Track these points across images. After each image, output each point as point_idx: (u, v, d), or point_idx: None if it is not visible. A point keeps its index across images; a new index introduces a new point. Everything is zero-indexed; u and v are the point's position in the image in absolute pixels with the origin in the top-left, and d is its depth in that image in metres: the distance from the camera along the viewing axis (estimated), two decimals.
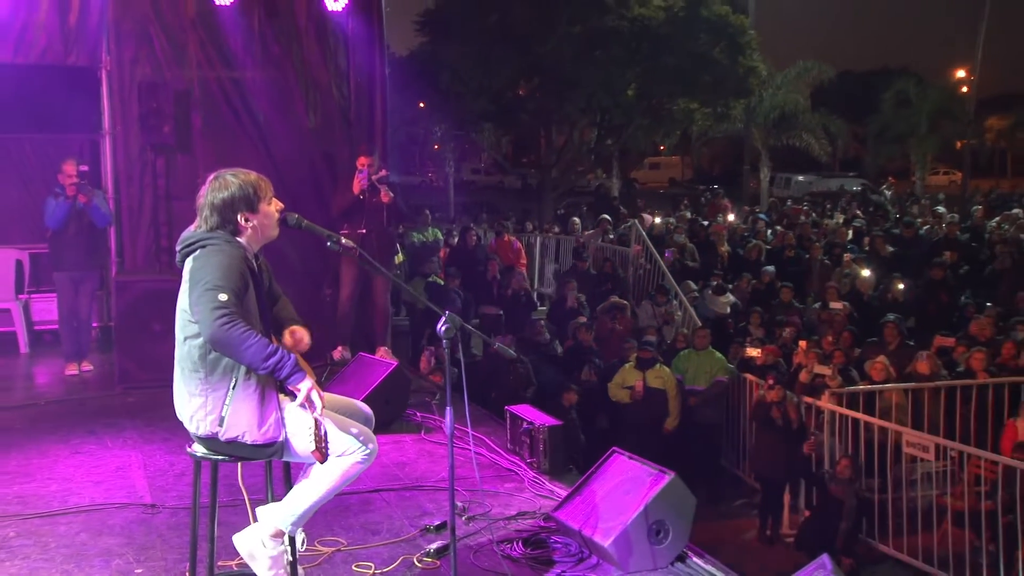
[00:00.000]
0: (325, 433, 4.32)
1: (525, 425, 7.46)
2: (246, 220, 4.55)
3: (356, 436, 4.54)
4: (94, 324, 10.65)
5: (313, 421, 4.31)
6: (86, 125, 10.81)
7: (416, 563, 5.71)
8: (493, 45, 28.14)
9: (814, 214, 25.31)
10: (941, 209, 25.06)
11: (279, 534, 4.59)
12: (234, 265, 4.38)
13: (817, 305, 15.14)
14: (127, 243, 10.47)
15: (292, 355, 4.37)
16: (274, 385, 4.49)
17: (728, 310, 15.42)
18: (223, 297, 4.24)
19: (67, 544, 6.03)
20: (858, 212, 26.20)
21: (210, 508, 4.68)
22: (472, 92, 28.57)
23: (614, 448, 6.19)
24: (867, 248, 18.17)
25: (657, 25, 29.14)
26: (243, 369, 4.38)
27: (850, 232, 20.41)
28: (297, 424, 4.45)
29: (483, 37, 28.25)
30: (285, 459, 4.63)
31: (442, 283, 15.09)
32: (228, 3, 10.02)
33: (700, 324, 14.03)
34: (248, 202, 4.55)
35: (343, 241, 4.78)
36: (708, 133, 39.53)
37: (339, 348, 10.39)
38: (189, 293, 4.38)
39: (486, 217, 23.20)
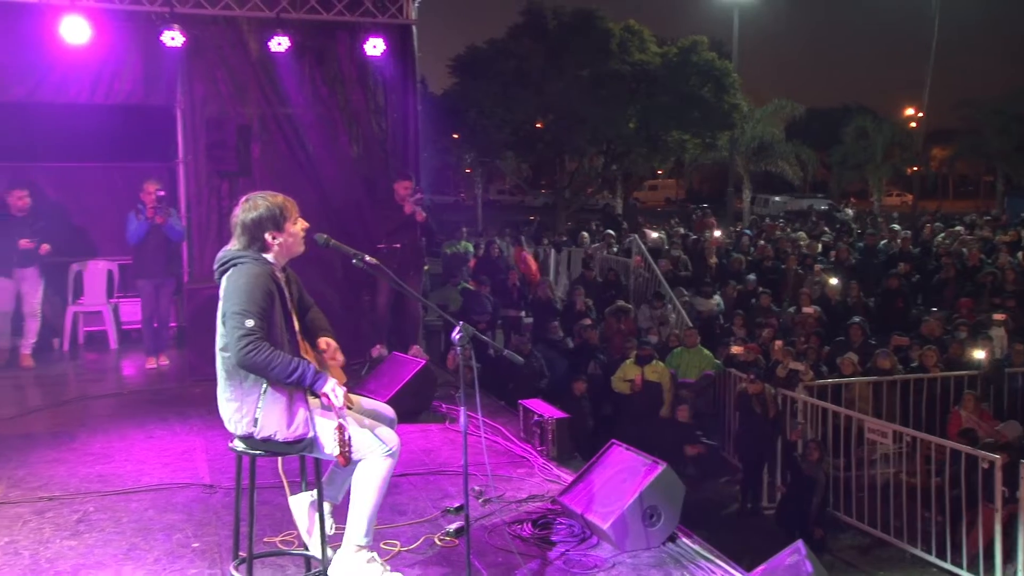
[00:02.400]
0: (349, 438, 4.05)
1: (536, 417, 7.20)
2: (273, 238, 4.31)
3: (379, 436, 4.30)
4: (172, 324, 10.44)
5: (338, 425, 4.03)
6: (164, 155, 10.62)
7: (437, 541, 5.45)
8: (512, 86, 28.00)
9: (788, 229, 24.86)
10: (896, 226, 24.59)
11: (361, 548, 4.42)
12: (259, 285, 4.14)
13: (792, 309, 14.81)
14: (196, 255, 10.28)
15: (311, 365, 4.16)
16: (303, 391, 4.25)
17: (716, 309, 15.12)
18: (250, 323, 4.03)
19: (136, 519, 5.82)
20: (826, 228, 25.74)
21: (249, 493, 4.42)
22: (495, 125, 28.39)
23: (613, 440, 5.91)
24: (833, 259, 17.80)
25: (654, 69, 28.94)
26: None
27: (819, 246, 20.02)
28: (324, 427, 4.20)
29: (504, 79, 28.10)
30: (315, 455, 4.38)
31: (473, 288, 14.82)
32: (283, 50, 9.80)
33: (691, 325, 13.73)
34: (275, 222, 4.30)
35: (367, 259, 4.52)
36: (698, 160, 39.06)
37: (377, 347, 10.12)
38: (221, 311, 4.16)
39: (508, 232, 22.85)
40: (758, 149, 38.98)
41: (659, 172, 49.94)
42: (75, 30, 9.21)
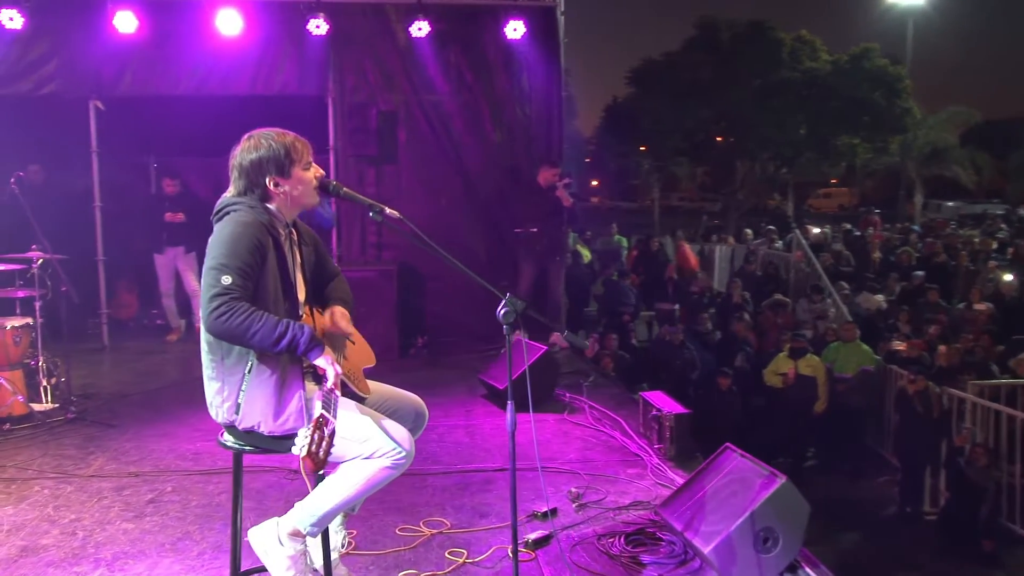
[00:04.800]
0: (331, 435, 2.71)
1: (654, 411, 5.71)
2: (276, 185, 3.09)
3: (391, 438, 3.01)
4: None
5: (318, 416, 2.71)
6: (316, 144, 9.70)
7: (509, 554, 4.10)
8: (686, 95, 26.16)
9: (960, 230, 21.83)
10: None
11: (297, 533, 3.09)
12: (247, 236, 2.93)
13: (962, 306, 12.53)
14: (344, 240, 9.31)
15: (307, 328, 2.87)
16: (298, 371, 3.00)
17: (879, 307, 13.00)
18: (227, 280, 2.84)
19: (206, 503, 4.80)
20: (1002, 225, 22.50)
21: (233, 497, 3.23)
22: (668, 132, 26.65)
23: (727, 444, 4.37)
24: (1010, 256, 15.15)
25: (824, 75, 26.33)
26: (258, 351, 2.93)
27: (994, 243, 17.24)
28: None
29: (678, 89, 26.31)
30: None
31: (615, 278, 13.38)
32: (423, 35, 8.69)
33: (850, 320, 11.75)
34: (279, 165, 3.08)
35: (387, 211, 3.22)
36: (869, 165, 35.62)
37: (517, 333, 8.88)
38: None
39: (681, 233, 21.08)
40: (931, 155, 35.05)
41: (833, 181, 46.24)
42: (229, 22, 8.45)
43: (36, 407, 6.37)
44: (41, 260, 6.51)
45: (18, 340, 6.27)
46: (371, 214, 3.20)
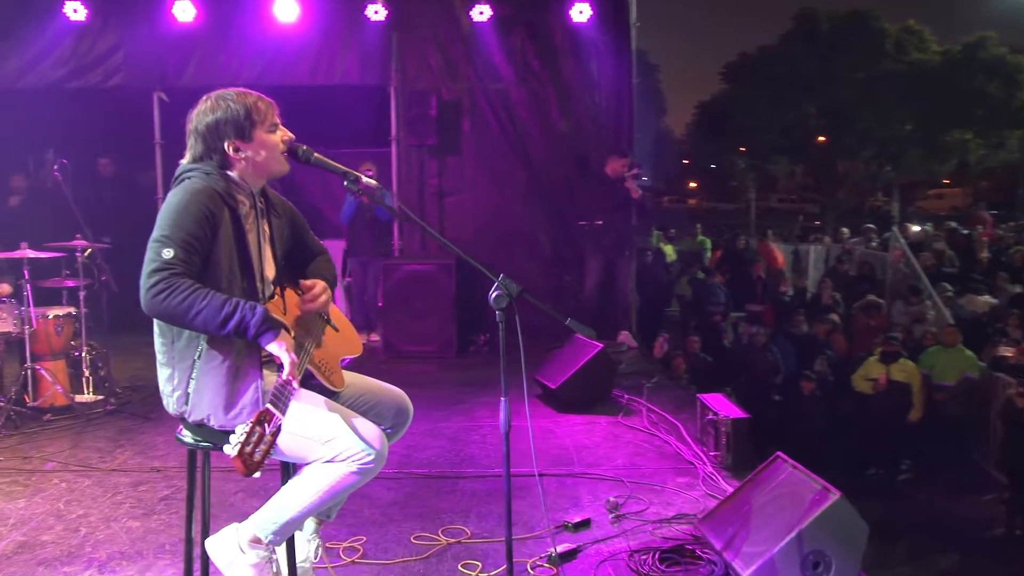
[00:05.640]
0: (275, 432, 2.32)
1: (710, 415, 5.21)
2: (236, 150, 2.75)
3: (360, 438, 2.64)
4: (379, 304, 9.28)
5: (261, 411, 2.33)
6: (378, 134, 9.41)
7: (529, 569, 3.70)
8: (784, 90, 25.15)
9: None
10: None
11: (257, 541, 2.73)
12: (193, 205, 2.60)
13: None
14: (406, 233, 9.06)
15: (260, 308, 2.52)
16: (256, 358, 2.66)
17: (985, 310, 12.02)
18: (168, 254, 2.51)
19: (218, 502, 4.44)
20: None
21: (187, 500, 2.91)
22: (764, 129, 25.66)
23: (778, 453, 3.85)
24: None
25: (933, 67, 24.92)
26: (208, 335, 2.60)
27: None
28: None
29: (776, 83, 25.31)
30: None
31: (701, 277, 12.77)
32: (485, 20, 8.37)
33: (951, 323, 10.87)
34: (238, 128, 2.73)
35: (363, 180, 2.84)
36: (984, 163, 33.69)
37: (624, 333, 8.49)
38: None
39: (771, 233, 20.17)
40: None
41: (945, 181, 43.96)
42: (287, 9, 8.31)
43: (78, 398, 6.28)
44: (89, 250, 6.41)
45: (60, 329, 6.18)
46: (345, 183, 2.84)
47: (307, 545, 3.04)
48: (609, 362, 6.51)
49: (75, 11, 8.13)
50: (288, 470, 2.83)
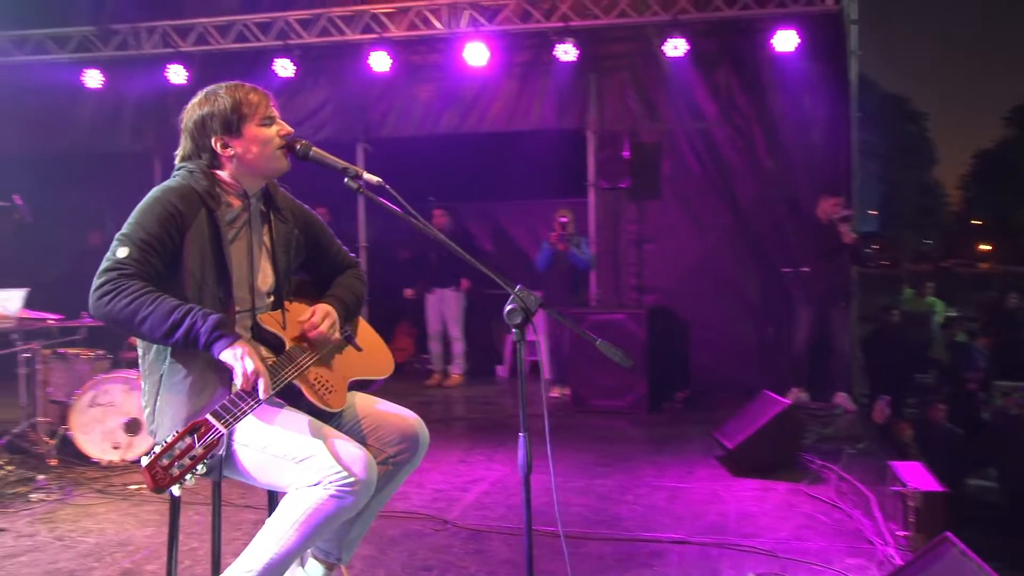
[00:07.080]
0: (208, 447, 2.00)
1: (897, 487, 4.32)
2: (224, 147, 2.52)
3: (337, 460, 2.29)
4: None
5: (198, 421, 2.05)
6: (572, 181, 9.10)
7: None
8: None
9: None
10: None
11: None
12: (159, 204, 2.39)
13: None
14: (603, 281, 8.66)
15: (212, 316, 2.26)
16: (217, 374, 2.39)
17: None
18: (121, 253, 2.31)
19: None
20: None
21: (169, 536, 2.67)
22: None
23: (946, 534, 3.02)
24: None
25: None
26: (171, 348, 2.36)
27: None
28: (252, 435, 2.33)
29: None
30: (242, 479, 2.49)
31: (962, 339, 11.20)
32: (680, 55, 7.88)
33: None
34: (226, 123, 2.51)
35: (365, 176, 2.53)
36: None
37: (794, 390, 7.60)
38: None
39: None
40: None
41: None
42: (476, 54, 8.31)
43: None
44: None
45: None
46: (346, 180, 2.55)
47: None
48: (797, 422, 5.70)
49: (284, 68, 8.60)
50: (275, 502, 2.53)
